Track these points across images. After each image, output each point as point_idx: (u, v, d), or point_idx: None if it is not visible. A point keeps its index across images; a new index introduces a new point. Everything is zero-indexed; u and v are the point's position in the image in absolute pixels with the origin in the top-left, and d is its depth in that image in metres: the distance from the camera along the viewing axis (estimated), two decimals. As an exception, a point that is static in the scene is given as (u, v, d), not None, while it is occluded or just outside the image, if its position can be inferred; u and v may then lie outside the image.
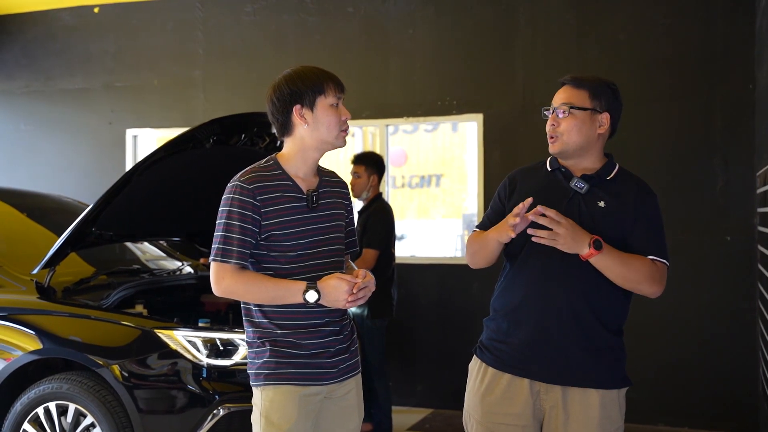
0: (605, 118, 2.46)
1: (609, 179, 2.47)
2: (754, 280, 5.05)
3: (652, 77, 5.44)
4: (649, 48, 5.47)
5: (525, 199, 2.34)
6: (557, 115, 2.46)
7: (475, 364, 2.55)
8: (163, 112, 6.74)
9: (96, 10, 6.91)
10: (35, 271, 3.87)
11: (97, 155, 6.95)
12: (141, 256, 4.99)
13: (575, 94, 2.45)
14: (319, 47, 6.24)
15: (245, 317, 2.45)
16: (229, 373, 3.56)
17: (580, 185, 2.43)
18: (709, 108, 5.31)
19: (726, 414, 5.21)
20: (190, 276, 4.64)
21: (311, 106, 2.38)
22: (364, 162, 5.07)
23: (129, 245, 4.95)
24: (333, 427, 2.49)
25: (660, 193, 2.57)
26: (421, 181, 11.56)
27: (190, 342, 3.57)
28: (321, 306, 2.37)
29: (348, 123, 2.46)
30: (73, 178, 6.90)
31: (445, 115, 5.97)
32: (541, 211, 2.29)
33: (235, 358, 3.57)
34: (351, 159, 5.16)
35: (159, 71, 6.74)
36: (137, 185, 3.79)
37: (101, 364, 3.59)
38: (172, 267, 4.77)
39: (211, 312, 4.41)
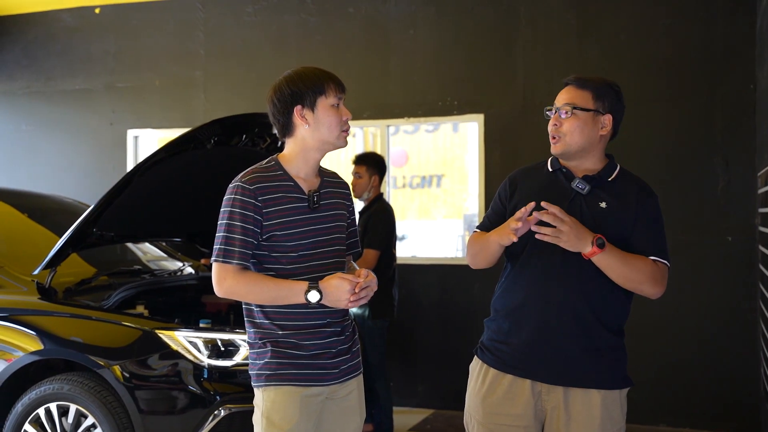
0: (608, 119, 2.45)
1: (610, 180, 2.46)
2: (755, 280, 5.05)
3: (652, 77, 5.43)
4: (650, 48, 5.47)
5: (526, 200, 2.34)
6: (560, 116, 2.45)
7: (476, 364, 2.55)
8: (164, 112, 6.74)
9: (97, 10, 6.91)
10: (36, 272, 3.87)
11: (98, 156, 6.95)
12: (142, 256, 4.99)
13: (579, 94, 2.44)
14: (320, 48, 6.24)
15: (246, 318, 2.45)
16: (230, 374, 3.56)
17: (581, 186, 2.43)
18: (710, 108, 5.31)
19: (727, 414, 5.21)
20: (191, 276, 4.64)
21: (312, 106, 2.38)
22: (365, 162, 5.07)
23: (130, 246, 4.95)
24: (334, 428, 2.49)
25: (660, 194, 2.57)
26: (422, 182, 11.54)
27: (191, 343, 3.57)
28: (323, 306, 2.37)
29: (349, 123, 2.46)
30: (74, 178, 6.90)
31: (446, 116, 5.97)
32: (546, 209, 2.28)
33: (236, 358, 3.57)
34: (352, 159, 5.16)
35: (160, 72, 6.74)
36: (138, 186, 3.79)
37: (102, 364, 3.59)
38: (173, 267, 4.77)
39: (212, 313, 4.40)
